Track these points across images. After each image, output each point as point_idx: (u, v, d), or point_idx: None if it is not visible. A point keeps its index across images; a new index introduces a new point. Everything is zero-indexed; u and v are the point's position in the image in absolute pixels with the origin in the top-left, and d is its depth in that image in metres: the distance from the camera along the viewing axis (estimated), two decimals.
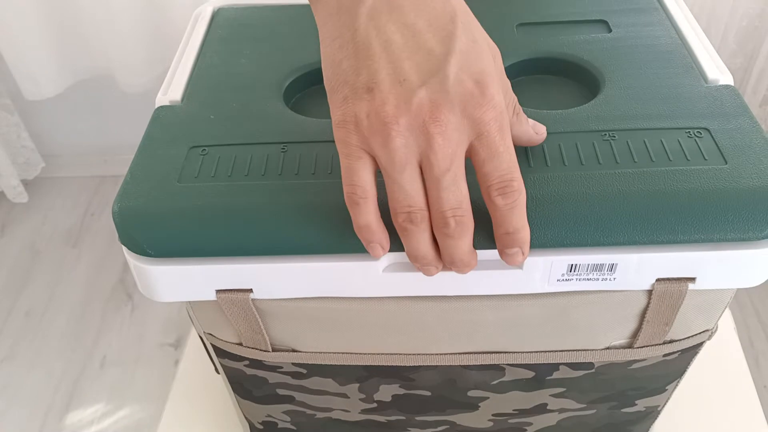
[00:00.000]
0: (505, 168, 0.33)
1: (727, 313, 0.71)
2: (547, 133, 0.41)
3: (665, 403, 0.55)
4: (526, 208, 0.34)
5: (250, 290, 0.40)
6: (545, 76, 0.49)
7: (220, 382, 0.67)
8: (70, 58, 1.62)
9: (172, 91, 0.47)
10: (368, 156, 0.33)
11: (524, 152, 0.40)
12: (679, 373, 0.50)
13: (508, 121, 0.33)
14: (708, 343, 0.67)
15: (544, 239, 0.37)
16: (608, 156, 0.39)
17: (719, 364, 0.66)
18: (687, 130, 0.41)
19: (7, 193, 1.88)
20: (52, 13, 1.53)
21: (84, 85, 1.73)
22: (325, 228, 0.37)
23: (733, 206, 0.37)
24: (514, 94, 0.38)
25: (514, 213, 0.34)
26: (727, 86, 0.44)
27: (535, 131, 0.40)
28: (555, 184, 0.38)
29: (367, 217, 0.34)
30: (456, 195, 0.33)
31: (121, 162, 1.95)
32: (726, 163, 0.38)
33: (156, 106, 0.46)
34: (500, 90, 0.33)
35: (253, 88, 0.47)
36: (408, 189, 0.33)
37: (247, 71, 0.48)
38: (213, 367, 0.56)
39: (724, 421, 0.62)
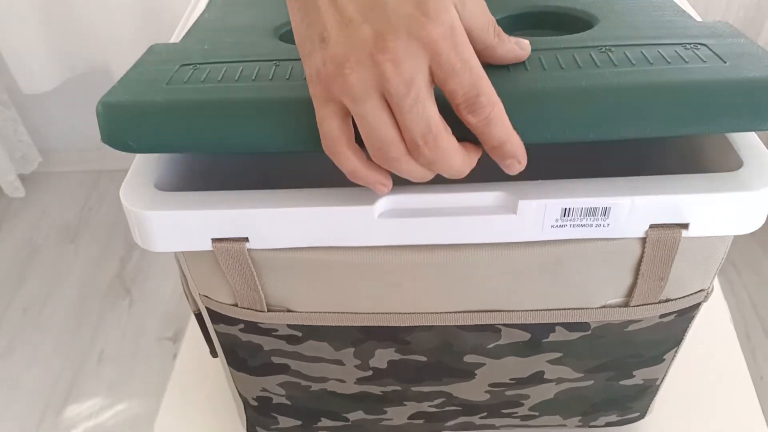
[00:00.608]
0: (467, 84, 0.33)
1: (724, 305, 0.72)
2: (544, 49, 0.41)
3: (663, 377, 0.55)
4: (506, 119, 0.34)
5: (246, 239, 0.40)
6: (539, 30, 0.50)
7: (218, 375, 0.67)
8: (67, 53, 1.63)
9: (172, 39, 0.48)
10: (336, 104, 0.34)
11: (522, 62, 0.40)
12: (676, 340, 0.50)
13: (463, 36, 0.33)
14: (705, 336, 0.67)
15: (543, 132, 0.36)
16: (606, 61, 0.39)
17: (715, 356, 0.67)
18: (684, 45, 0.41)
19: (4, 188, 1.88)
20: (48, 7, 1.53)
21: (81, 80, 1.73)
22: (313, 122, 0.36)
23: (734, 95, 0.36)
24: (491, 15, 0.37)
25: (492, 127, 0.34)
26: (719, 21, 0.45)
27: (520, 47, 0.40)
28: (553, 81, 0.37)
29: (348, 162, 0.35)
30: (422, 117, 0.33)
31: (118, 157, 1.95)
32: (725, 62, 0.38)
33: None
34: (447, 6, 0.33)
35: (251, 31, 0.48)
36: (373, 122, 0.33)
37: (246, 21, 0.50)
38: (210, 352, 0.56)
39: (721, 410, 0.63)
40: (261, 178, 0.60)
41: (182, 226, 0.39)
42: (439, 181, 0.38)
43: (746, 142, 0.41)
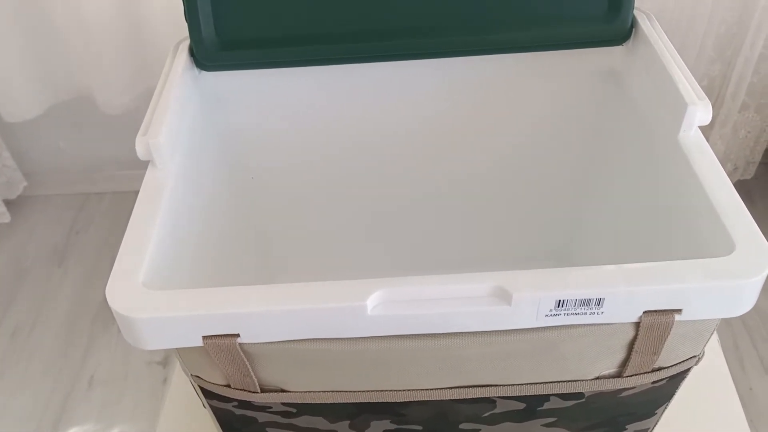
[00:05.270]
0: None
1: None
2: None
3: (655, 426, 0.55)
4: None
5: (237, 335, 0.39)
6: None
7: None
8: (50, 81, 1.61)
9: None
10: None
11: None
12: (667, 397, 0.50)
13: None
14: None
15: None
16: None
17: (702, 370, 0.67)
18: None
19: None
20: (30, 36, 1.52)
21: (65, 105, 1.71)
22: None
23: None
24: None
25: None
26: None
27: None
28: None
29: None
30: None
31: (105, 178, 1.93)
32: None
33: None
34: None
35: None
36: None
37: None
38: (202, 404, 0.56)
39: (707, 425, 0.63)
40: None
41: (172, 327, 0.39)
42: (432, 272, 0.38)
43: (739, 222, 0.41)
